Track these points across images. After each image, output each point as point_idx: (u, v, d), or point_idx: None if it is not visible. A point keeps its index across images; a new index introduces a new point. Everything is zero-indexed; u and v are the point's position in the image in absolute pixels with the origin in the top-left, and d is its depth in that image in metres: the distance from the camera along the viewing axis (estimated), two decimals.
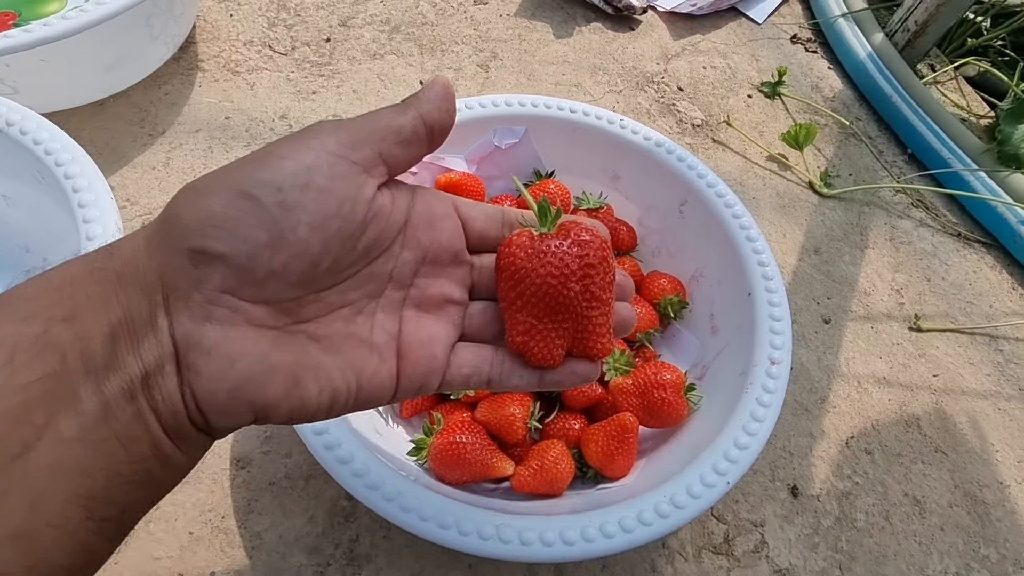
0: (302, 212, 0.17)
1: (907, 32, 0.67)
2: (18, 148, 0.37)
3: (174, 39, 0.54)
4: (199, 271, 0.16)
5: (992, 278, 0.55)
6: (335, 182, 0.18)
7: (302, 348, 0.18)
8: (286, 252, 0.17)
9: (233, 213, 0.16)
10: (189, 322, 0.16)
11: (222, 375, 0.16)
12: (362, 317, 0.20)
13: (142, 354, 0.16)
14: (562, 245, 0.20)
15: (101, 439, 0.15)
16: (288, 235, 0.17)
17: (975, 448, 0.45)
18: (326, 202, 0.17)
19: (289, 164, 0.17)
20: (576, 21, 0.69)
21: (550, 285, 0.20)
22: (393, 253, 0.20)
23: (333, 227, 0.18)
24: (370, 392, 0.19)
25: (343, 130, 0.18)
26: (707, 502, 0.29)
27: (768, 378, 0.33)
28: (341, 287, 0.19)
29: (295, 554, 0.36)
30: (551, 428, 0.38)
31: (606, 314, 0.21)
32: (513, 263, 0.20)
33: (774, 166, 0.60)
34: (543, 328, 0.21)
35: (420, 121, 0.20)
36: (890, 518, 0.41)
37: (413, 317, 0.21)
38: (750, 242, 0.39)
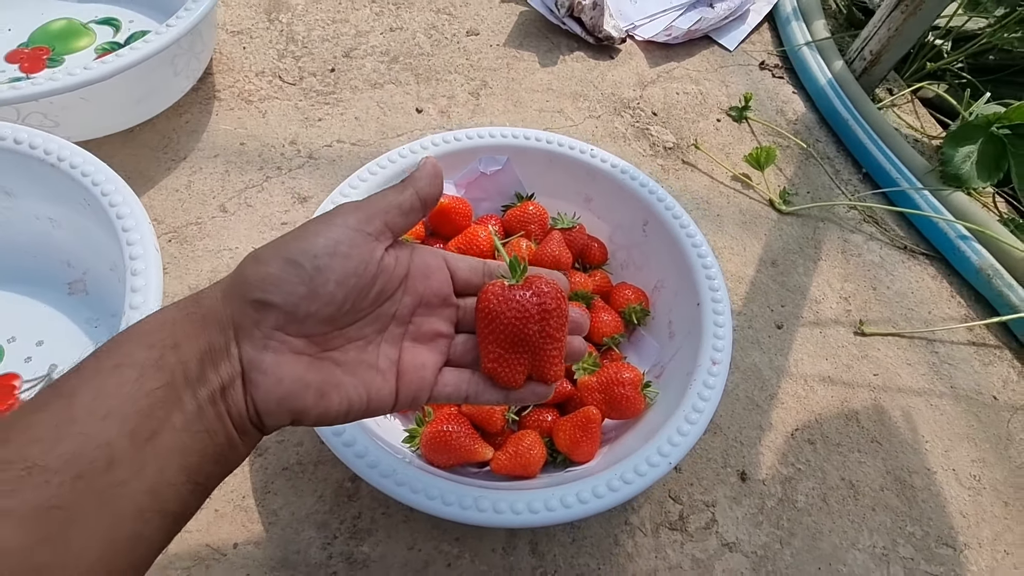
0: (331, 272, 0.24)
1: (864, 60, 0.73)
2: (67, 179, 0.42)
3: (194, 73, 0.61)
4: (259, 315, 0.23)
5: (933, 287, 0.61)
6: (354, 249, 0.24)
7: (328, 370, 0.24)
8: (319, 301, 0.24)
9: (283, 275, 0.23)
10: (252, 350, 0.23)
11: (273, 389, 0.23)
12: (371, 347, 0.26)
13: (221, 373, 0.22)
14: (525, 295, 0.26)
15: (196, 431, 0.21)
16: (320, 289, 0.23)
17: (907, 439, 0.51)
18: (348, 264, 0.24)
19: (321, 239, 0.24)
20: (560, 50, 0.75)
21: (514, 325, 0.26)
22: (396, 299, 0.27)
23: (352, 283, 0.24)
24: (376, 404, 0.26)
25: (360, 209, 0.25)
26: (651, 479, 0.35)
27: (709, 375, 0.39)
28: (358, 325, 0.26)
29: (306, 529, 0.42)
30: (527, 420, 0.43)
31: (559, 348, 0.28)
32: (487, 307, 0.27)
33: (738, 185, 0.66)
34: (509, 357, 0.27)
35: (416, 197, 0.27)
36: (827, 500, 0.47)
37: (410, 347, 0.27)
38: (700, 258, 0.45)
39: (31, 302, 0.48)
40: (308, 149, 0.61)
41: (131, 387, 0.20)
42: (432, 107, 0.67)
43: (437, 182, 0.27)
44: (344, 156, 0.61)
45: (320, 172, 0.60)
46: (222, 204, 0.56)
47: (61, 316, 0.48)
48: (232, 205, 0.56)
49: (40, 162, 0.42)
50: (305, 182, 0.59)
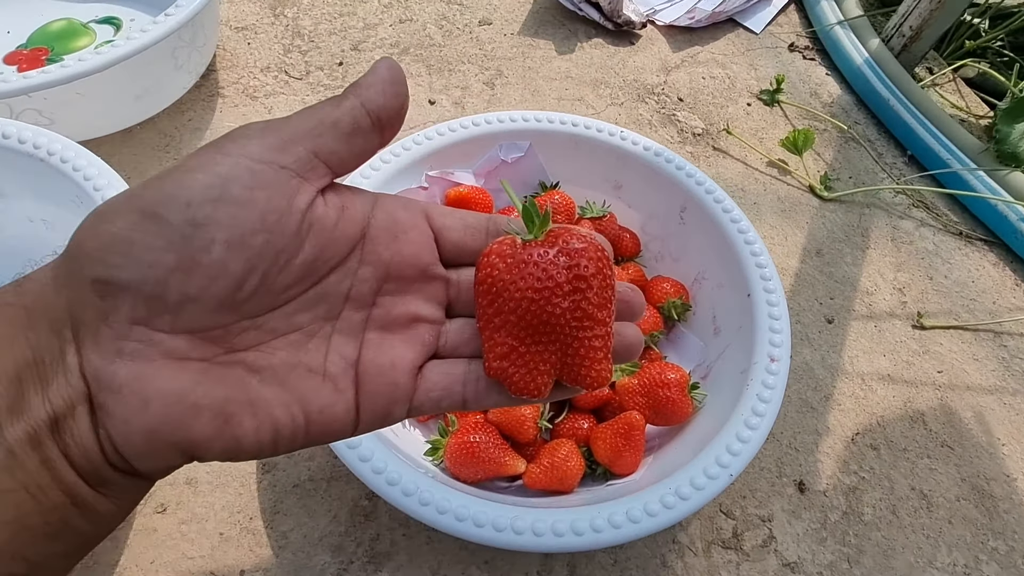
0: (216, 228, 0.15)
1: (903, 37, 0.68)
2: (59, 175, 0.39)
3: (196, 68, 0.58)
4: (105, 303, 0.15)
5: (995, 275, 0.56)
6: (257, 192, 0.16)
7: (236, 381, 0.16)
8: (201, 275, 0.15)
9: (136, 236, 0.15)
10: (98, 359, 0.15)
11: (136, 416, 0.15)
12: (314, 342, 0.18)
13: (50, 396, 0.15)
14: (547, 254, 0.17)
15: (5, 490, 0.14)
16: (201, 256, 0.15)
17: (981, 442, 0.46)
18: (246, 215, 0.16)
19: (200, 176, 0.15)
20: (577, 37, 0.72)
21: (532, 300, 0.17)
22: (349, 269, 0.18)
23: (257, 243, 0.16)
24: (322, 426, 0.17)
25: (269, 131, 0.17)
26: (710, 493, 0.30)
27: (768, 375, 0.35)
28: (284, 310, 0.17)
29: (319, 553, 0.38)
30: (561, 428, 0.39)
31: (603, 336, 0.18)
32: (491, 275, 0.18)
33: (774, 171, 0.61)
34: (525, 352, 0.18)
35: (362, 110, 0.17)
36: (897, 512, 0.42)
37: (376, 340, 0.18)
38: (748, 245, 0.40)
39: None
40: None
41: None
42: (445, 98, 0.63)
43: (396, 89, 0.18)
44: None
45: None
46: None
47: None
48: None
49: (30, 157, 0.39)
50: None
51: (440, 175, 0.45)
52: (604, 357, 0.18)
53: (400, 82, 0.18)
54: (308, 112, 0.17)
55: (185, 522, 0.38)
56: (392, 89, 0.18)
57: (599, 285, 0.18)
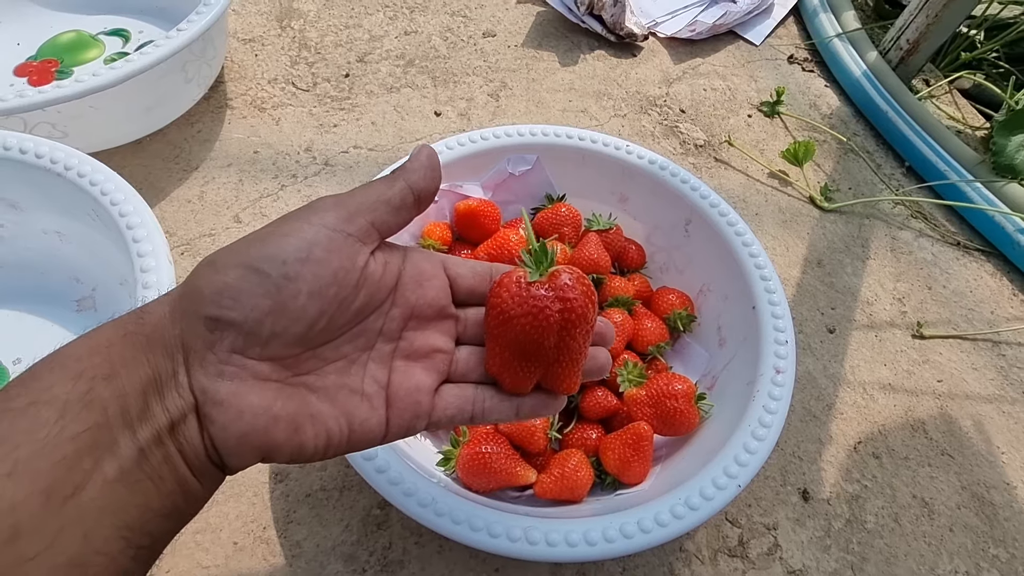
0: (303, 282, 0.19)
1: (900, 50, 0.70)
2: (75, 190, 0.40)
3: (206, 80, 0.58)
4: (213, 335, 0.19)
5: (992, 285, 0.57)
6: (332, 254, 0.20)
7: (301, 398, 0.20)
8: (287, 317, 0.19)
9: (243, 285, 0.19)
10: (204, 379, 0.19)
11: (232, 424, 0.19)
12: (355, 368, 0.22)
13: (168, 406, 0.18)
14: (546, 297, 0.21)
15: (136, 480, 0.17)
16: (289, 302, 0.19)
17: (981, 450, 0.47)
18: (324, 272, 0.20)
19: (292, 240, 0.20)
20: (581, 49, 0.73)
21: (529, 335, 0.22)
22: (383, 311, 0.23)
23: (330, 294, 0.20)
24: (361, 435, 0.21)
25: (341, 206, 0.21)
26: (719, 504, 0.31)
27: (774, 386, 0.35)
28: (336, 343, 0.21)
29: (332, 562, 0.38)
30: (570, 438, 0.40)
31: (578, 361, 0.23)
32: (499, 305, 0.22)
33: (775, 182, 0.62)
34: (517, 364, 0.23)
35: (408, 191, 0.22)
36: (899, 520, 0.43)
37: (402, 367, 0.23)
38: (752, 257, 0.41)
39: (38, 320, 0.46)
40: (324, 156, 0.59)
41: (47, 432, 0.16)
42: (451, 109, 0.64)
43: (433, 173, 0.23)
44: (361, 162, 0.58)
45: (337, 179, 0.57)
46: (236, 215, 0.54)
47: (69, 335, 0.45)
48: (247, 215, 0.54)
49: (46, 172, 0.40)
50: (322, 190, 0.56)
51: (449, 188, 0.46)
52: (576, 374, 0.24)
53: (436, 167, 0.23)
54: (368, 189, 0.22)
55: (200, 532, 0.38)
56: (431, 174, 0.23)
57: (582, 327, 0.22)
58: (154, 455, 0.18)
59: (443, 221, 0.47)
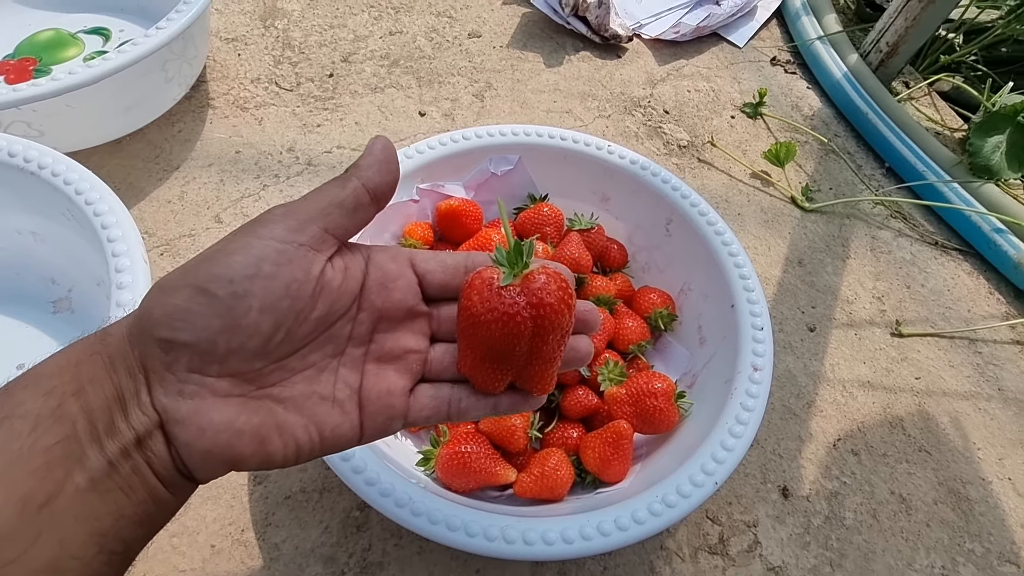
0: (252, 299, 0.19)
1: (880, 53, 0.70)
2: (49, 189, 0.39)
3: (187, 79, 0.58)
4: (169, 356, 0.19)
5: (969, 284, 0.58)
6: (282, 268, 0.20)
7: (267, 410, 0.20)
8: (241, 333, 0.20)
9: (192, 307, 0.19)
10: (165, 398, 0.19)
11: (196, 441, 0.19)
12: (325, 375, 0.22)
13: (132, 424, 0.19)
14: (518, 302, 0.20)
15: (107, 489, 0.18)
16: (241, 320, 0.19)
17: (958, 447, 0.47)
18: (275, 286, 0.20)
19: (239, 258, 0.20)
20: (566, 51, 0.73)
21: (498, 340, 0.21)
22: (351, 316, 0.22)
23: (284, 307, 0.20)
24: (333, 440, 0.22)
25: (290, 215, 0.21)
26: (696, 501, 0.31)
27: (751, 383, 0.36)
28: (302, 352, 0.21)
29: (311, 564, 0.38)
30: (551, 437, 0.40)
31: (552, 363, 0.22)
32: (469, 308, 0.21)
33: (757, 183, 0.63)
34: (488, 367, 0.22)
35: (362, 190, 0.22)
36: (877, 516, 0.43)
37: (373, 370, 0.23)
38: (732, 257, 0.41)
39: (13, 322, 0.45)
40: (307, 156, 0.58)
41: (21, 443, 0.17)
42: (435, 110, 0.64)
43: (389, 167, 0.22)
44: (344, 162, 0.58)
45: (320, 179, 0.57)
46: (217, 215, 0.53)
47: (45, 337, 0.44)
48: (228, 216, 0.53)
49: (20, 170, 0.39)
50: (304, 190, 0.56)
51: (431, 188, 0.46)
52: (550, 376, 0.23)
53: (393, 160, 0.22)
54: (320, 193, 0.21)
55: (176, 535, 0.38)
56: (386, 167, 0.22)
57: (556, 329, 0.21)
58: (123, 466, 0.19)
59: (425, 221, 0.47)
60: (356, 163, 0.22)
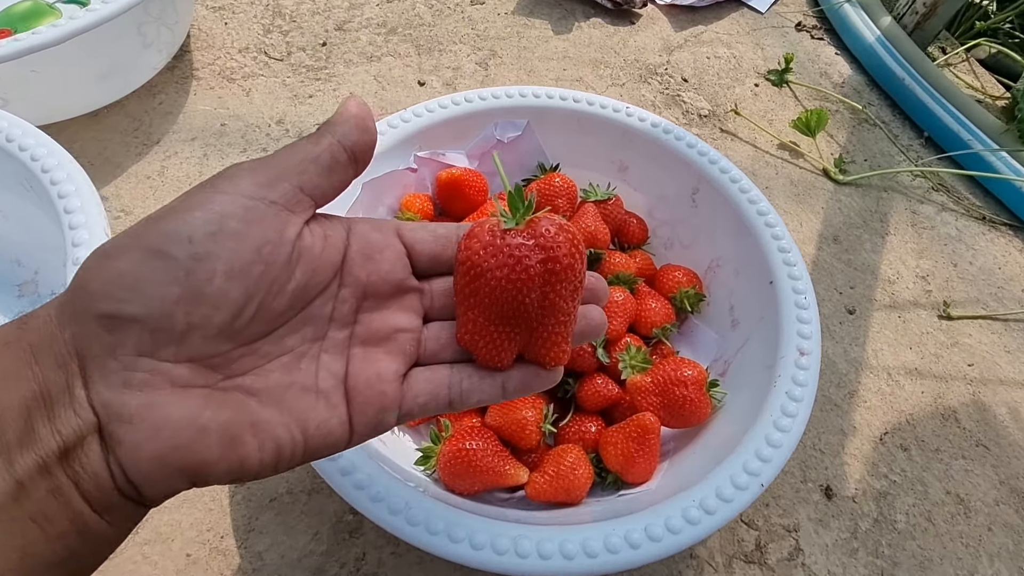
0: (217, 261, 0.16)
1: (916, 14, 0.65)
2: (4, 156, 0.35)
3: (168, 47, 0.53)
4: (113, 336, 0.16)
5: (1022, 262, 0.53)
6: (252, 226, 0.17)
7: (238, 405, 0.17)
8: (204, 304, 0.16)
9: (142, 272, 0.16)
10: (107, 391, 0.15)
11: (148, 443, 0.15)
12: (305, 362, 0.19)
13: (59, 428, 0.15)
14: (526, 245, 0.18)
15: (12, 519, 0.14)
16: (204, 287, 0.16)
17: (1019, 441, 0.42)
18: (243, 247, 0.17)
19: (199, 214, 0.17)
20: (575, 17, 0.68)
21: (506, 291, 0.18)
22: (332, 293, 0.19)
23: (255, 272, 0.17)
24: (320, 440, 0.18)
25: (258, 170, 0.18)
26: (739, 506, 0.27)
27: (798, 370, 0.31)
28: (277, 334, 0.18)
29: (298, 575, 0.34)
30: (566, 432, 0.35)
31: (566, 323, 0.20)
32: (470, 258, 0.19)
33: (786, 154, 0.58)
34: (494, 330, 0.19)
35: (339, 147, 0.19)
36: (933, 519, 0.39)
37: (360, 354, 0.20)
38: (769, 228, 0.37)
39: None
40: (297, 128, 0.54)
41: None
42: (436, 79, 0.59)
43: (366, 125, 0.20)
44: None
45: None
46: None
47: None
48: None
49: None
50: None
51: (430, 156, 0.41)
52: (564, 340, 0.20)
53: (369, 117, 0.20)
54: (291, 149, 0.19)
55: (148, 543, 0.34)
56: (363, 125, 0.19)
57: (569, 279, 0.19)
58: (37, 489, 0.15)
59: (424, 192, 0.42)
60: (329, 121, 0.20)
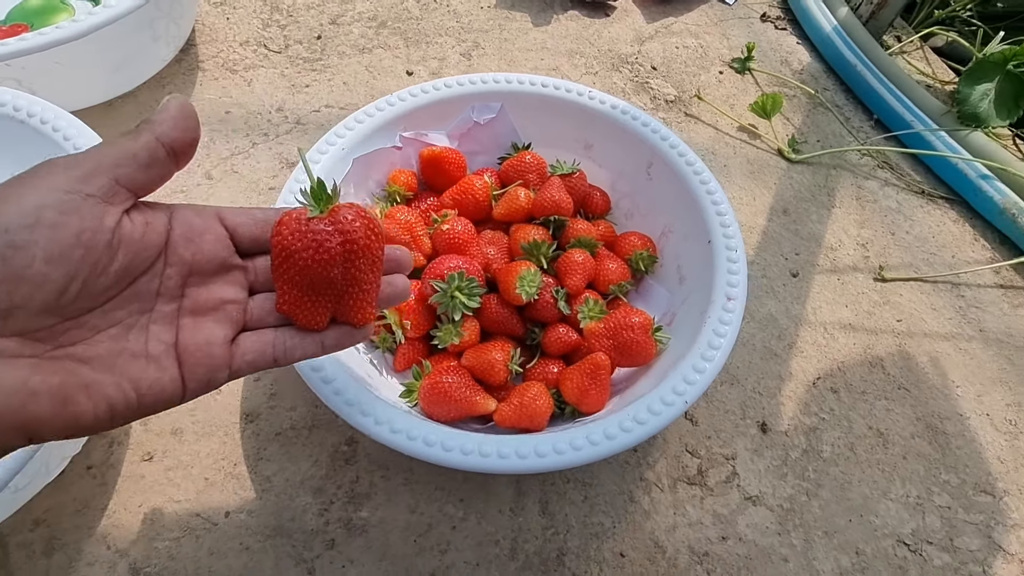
0: (36, 248, 0.18)
1: (871, 4, 0.70)
2: (38, 137, 0.40)
3: (175, 40, 0.58)
4: None
5: (955, 231, 0.58)
6: (69, 217, 0.19)
7: (69, 370, 0.19)
8: (26, 286, 0.18)
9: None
10: None
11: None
12: (135, 332, 0.21)
13: None
14: (326, 230, 0.22)
15: None
16: (23, 271, 0.18)
17: (937, 385, 0.48)
18: (62, 236, 0.19)
19: (13, 207, 0.18)
20: (554, 10, 0.73)
21: (312, 268, 0.22)
22: (157, 271, 0.22)
23: (76, 256, 0.19)
24: (153, 397, 0.21)
25: (75, 166, 0.20)
26: (666, 419, 0.32)
27: (724, 312, 0.36)
28: (104, 309, 0.21)
29: (301, 495, 0.39)
30: (532, 373, 0.41)
31: (368, 291, 0.24)
32: (281, 242, 0.23)
33: (744, 136, 0.63)
34: (307, 300, 0.23)
35: (157, 144, 0.21)
36: (855, 449, 0.44)
37: (190, 323, 0.23)
38: (710, 195, 0.42)
39: None
40: (295, 115, 0.59)
41: None
42: (423, 69, 0.64)
43: (187, 123, 0.22)
44: (332, 120, 0.59)
45: (308, 137, 0.57)
46: (207, 172, 0.54)
47: None
48: (218, 172, 0.54)
49: (9, 119, 0.40)
50: (293, 147, 0.56)
51: (414, 136, 0.47)
52: (369, 305, 0.25)
53: (191, 116, 0.22)
54: (108, 146, 0.21)
55: (171, 468, 0.39)
56: (184, 123, 0.22)
57: (366, 255, 0.23)
58: None
59: (409, 169, 0.47)
60: (149, 118, 0.22)
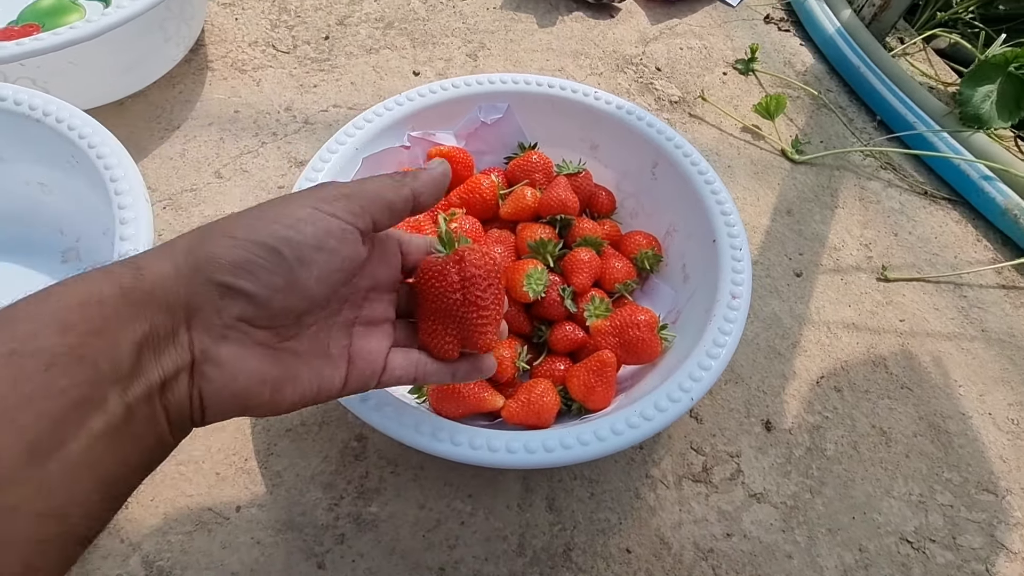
0: (315, 267, 0.22)
1: (873, 6, 0.70)
2: (54, 136, 0.41)
3: (185, 41, 0.59)
4: (224, 301, 0.20)
5: (957, 231, 0.58)
6: (344, 245, 0.23)
7: (287, 363, 0.23)
8: (296, 296, 0.22)
9: (261, 262, 0.21)
10: (207, 339, 0.20)
11: (229, 385, 0.21)
12: (323, 332, 0.24)
13: (163, 363, 0.19)
14: (446, 265, 0.26)
15: (120, 436, 0.18)
16: (300, 284, 0.22)
17: (939, 384, 0.48)
18: (334, 261, 0.23)
19: (309, 228, 0.22)
20: (559, 11, 0.73)
21: (435, 296, 0.27)
22: (354, 283, 0.25)
23: (335, 280, 0.23)
24: (324, 393, 0.24)
25: (352, 199, 0.23)
26: (672, 415, 0.33)
27: (729, 310, 0.37)
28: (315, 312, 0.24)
29: (311, 490, 0.40)
30: (539, 370, 0.41)
31: (487, 316, 0.27)
32: (420, 282, 0.27)
33: (748, 136, 0.63)
34: (437, 328, 0.27)
35: (412, 200, 0.25)
36: (858, 447, 0.45)
37: (362, 332, 0.26)
38: (714, 195, 0.42)
39: (24, 272, 0.47)
40: (304, 115, 0.60)
41: (34, 384, 0.16)
42: (429, 70, 0.65)
43: (439, 192, 0.26)
44: (340, 120, 0.59)
45: (316, 136, 0.58)
46: (217, 170, 0.55)
47: None
48: (227, 171, 0.55)
49: (26, 118, 0.41)
50: (301, 146, 0.57)
51: (422, 136, 0.47)
52: (491, 330, 0.28)
53: (445, 185, 0.26)
54: (377, 186, 0.24)
55: (182, 463, 0.40)
56: (435, 191, 0.26)
57: (480, 281, 0.27)
58: (141, 412, 0.18)
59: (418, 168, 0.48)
60: (416, 174, 0.25)
